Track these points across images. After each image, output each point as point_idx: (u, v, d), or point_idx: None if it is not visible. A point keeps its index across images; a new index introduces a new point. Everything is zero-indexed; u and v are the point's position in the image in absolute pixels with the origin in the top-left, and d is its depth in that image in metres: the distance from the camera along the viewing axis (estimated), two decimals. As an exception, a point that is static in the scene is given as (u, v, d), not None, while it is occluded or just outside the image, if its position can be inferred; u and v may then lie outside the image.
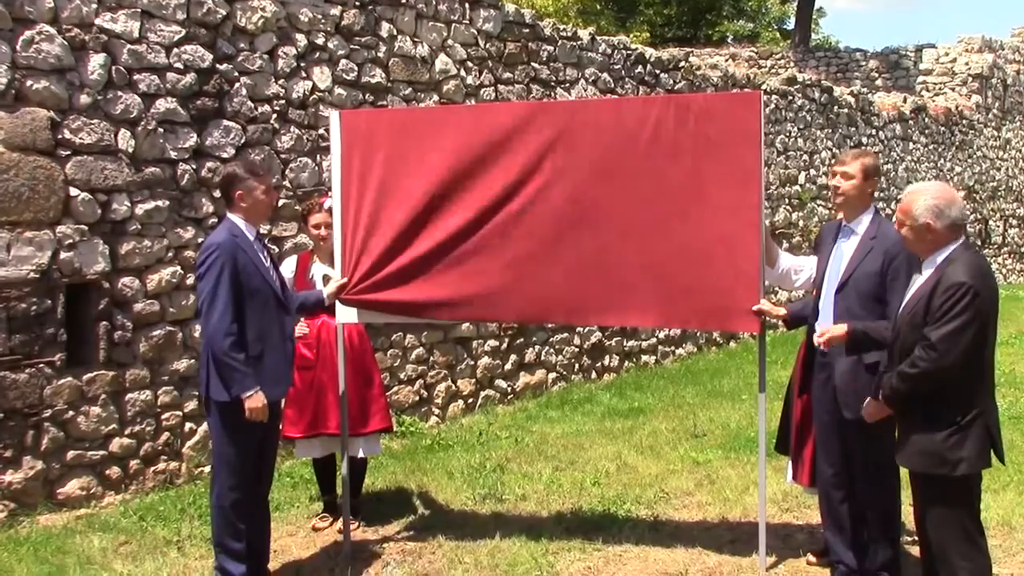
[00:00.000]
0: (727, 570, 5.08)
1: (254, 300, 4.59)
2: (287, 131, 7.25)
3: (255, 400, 4.52)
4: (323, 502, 6.01)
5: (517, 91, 9.15)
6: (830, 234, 4.84)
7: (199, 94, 6.63)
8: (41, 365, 5.83)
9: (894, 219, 4.17)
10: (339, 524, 5.65)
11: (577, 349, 9.95)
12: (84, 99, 6.00)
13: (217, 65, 6.74)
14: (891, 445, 4.57)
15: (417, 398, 8.26)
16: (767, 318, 4.92)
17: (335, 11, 7.56)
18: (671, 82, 11.29)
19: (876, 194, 15.62)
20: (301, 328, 5.63)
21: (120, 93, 6.19)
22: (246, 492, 4.69)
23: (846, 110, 14.84)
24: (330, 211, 5.64)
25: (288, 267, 5.78)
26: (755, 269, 4.77)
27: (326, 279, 5.60)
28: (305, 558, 5.35)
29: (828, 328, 4.49)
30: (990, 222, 19.30)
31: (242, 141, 6.92)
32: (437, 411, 8.44)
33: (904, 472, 4.29)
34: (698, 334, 11.84)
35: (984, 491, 4.19)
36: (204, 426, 6.61)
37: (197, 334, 6.31)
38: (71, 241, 5.95)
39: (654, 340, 11.11)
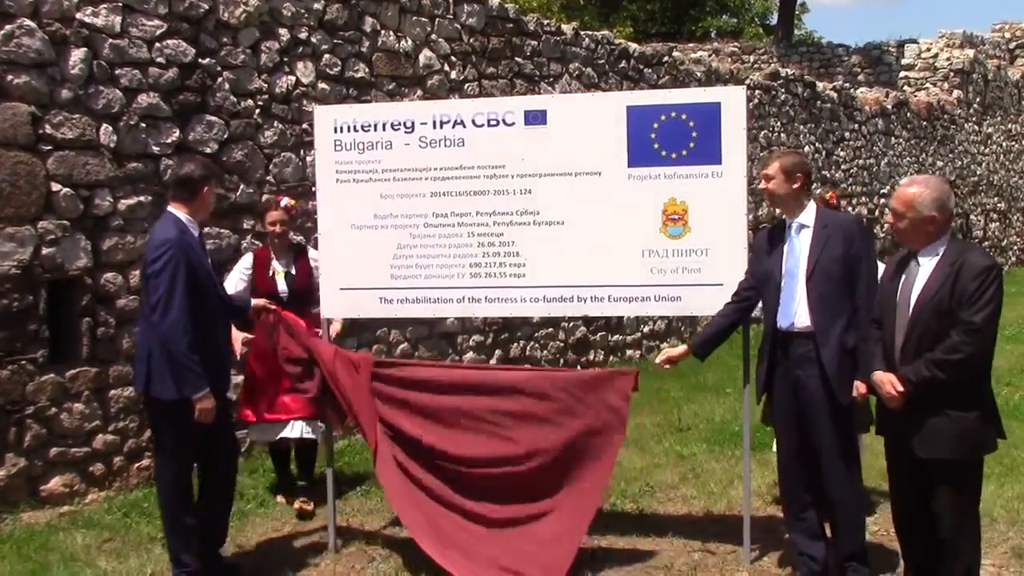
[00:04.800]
0: (712, 563, 5.10)
1: (202, 299, 4.58)
2: (270, 126, 7.22)
3: (206, 401, 4.54)
4: (300, 486, 6.14)
5: (501, 86, 9.14)
6: (771, 236, 4.87)
7: (182, 89, 6.60)
8: (23, 362, 5.79)
9: (888, 212, 4.20)
10: (322, 519, 5.64)
11: (562, 344, 9.96)
12: (65, 94, 5.96)
13: (200, 60, 6.70)
14: (854, 433, 4.65)
15: (402, 393, 8.24)
16: (675, 361, 5.11)
17: (318, 5, 7.54)
18: (655, 77, 11.31)
19: (858, 188, 15.70)
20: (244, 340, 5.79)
21: (102, 88, 6.15)
22: (188, 485, 4.77)
23: (829, 105, 14.91)
24: (287, 209, 6.03)
25: (245, 263, 6.04)
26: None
27: (287, 276, 5.95)
28: (290, 554, 5.34)
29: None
30: (971, 216, 19.43)
31: (225, 136, 6.89)
32: (422, 406, 8.42)
33: (872, 462, 4.34)
34: (682, 328, 11.87)
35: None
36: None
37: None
38: (53, 237, 5.92)
39: (638, 335, 11.14)
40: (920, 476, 4.08)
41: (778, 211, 5.84)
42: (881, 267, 4.66)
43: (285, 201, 6.08)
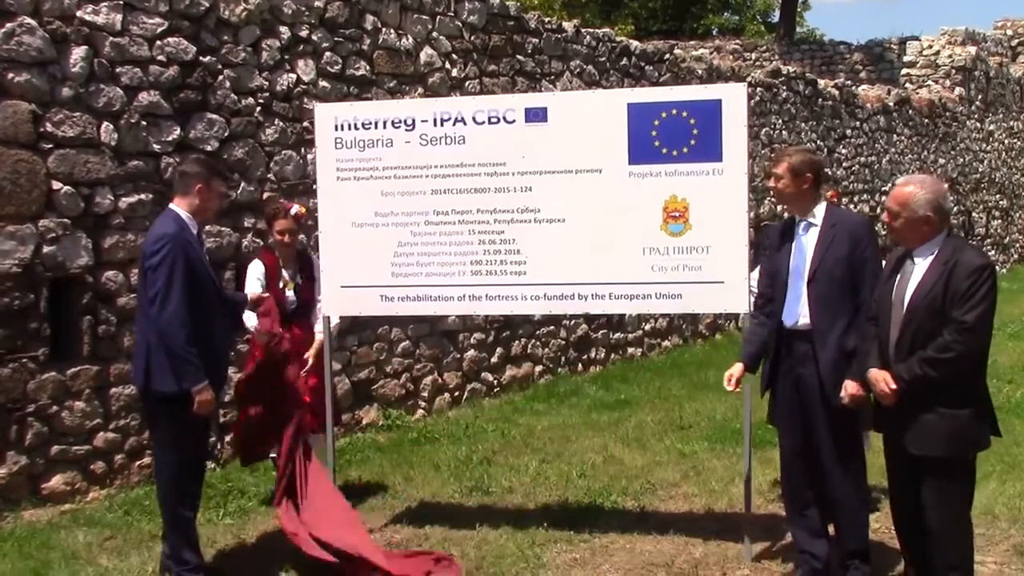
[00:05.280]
0: (713, 561, 5.10)
1: (199, 295, 4.59)
2: (271, 124, 7.22)
3: (205, 394, 4.56)
4: None
5: (502, 84, 9.14)
6: (781, 232, 4.85)
7: (182, 87, 6.59)
8: (24, 360, 5.79)
9: (884, 212, 4.20)
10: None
11: (563, 342, 9.96)
12: (66, 92, 5.96)
13: (200, 58, 6.70)
14: (858, 432, 4.63)
15: (403, 391, 8.25)
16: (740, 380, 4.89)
17: (319, 3, 7.53)
18: (656, 74, 11.30)
19: (859, 185, 15.67)
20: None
21: (103, 86, 6.14)
22: (195, 480, 4.79)
23: (830, 102, 14.89)
24: (296, 217, 5.87)
25: (257, 270, 5.91)
26: None
27: (296, 288, 5.90)
28: (291, 550, 5.33)
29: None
30: (973, 214, 19.41)
31: (226, 134, 6.88)
32: (423, 404, 8.43)
33: (874, 460, 4.34)
34: (683, 326, 11.87)
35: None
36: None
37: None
38: (54, 235, 5.91)
39: (640, 333, 11.14)
40: (917, 473, 4.08)
41: (780, 208, 5.84)
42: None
43: (295, 209, 5.94)
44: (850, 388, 4.32)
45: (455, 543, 5.34)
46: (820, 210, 4.69)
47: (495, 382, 9.16)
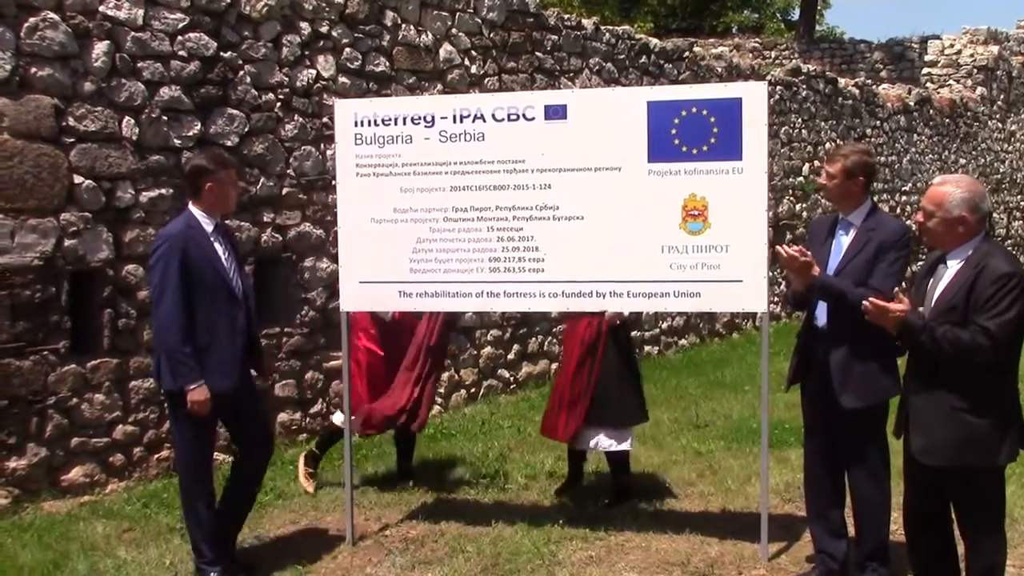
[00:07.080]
0: (729, 560, 5.09)
1: (204, 292, 4.61)
2: (291, 119, 7.24)
3: (198, 393, 4.57)
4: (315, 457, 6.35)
5: (521, 80, 9.13)
6: (825, 228, 4.81)
7: (203, 82, 6.62)
8: (45, 352, 5.84)
9: (919, 211, 4.09)
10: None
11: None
12: (88, 86, 6.00)
13: (221, 53, 6.73)
14: (883, 434, 4.59)
15: (420, 387, 8.25)
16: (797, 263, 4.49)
17: (339, -1, 7.56)
18: (675, 72, 11.27)
19: (879, 185, 15.57)
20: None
21: (124, 81, 6.18)
22: (205, 474, 4.81)
23: (850, 101, 14.81)
24: None
25: None
26: None
27: None
28: (307, 546, 5.36)
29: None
30: (994, 215, 19.26)
31: (246, 129, 6.91)
32: (440, 400, 8.44)
33: (892, 461, 4.29)
34: (701, 324, 11.84)
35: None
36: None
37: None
38: (75, 228, 5.96)
39: (657, 331, 11.11)
40: (935, 480, 4.03)
41: (798, 207, 5.81)
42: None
43: None
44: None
45: (470, 539, 5.35)
46: (862, 211, 4.64)
47: (511, 379, 9.16)
